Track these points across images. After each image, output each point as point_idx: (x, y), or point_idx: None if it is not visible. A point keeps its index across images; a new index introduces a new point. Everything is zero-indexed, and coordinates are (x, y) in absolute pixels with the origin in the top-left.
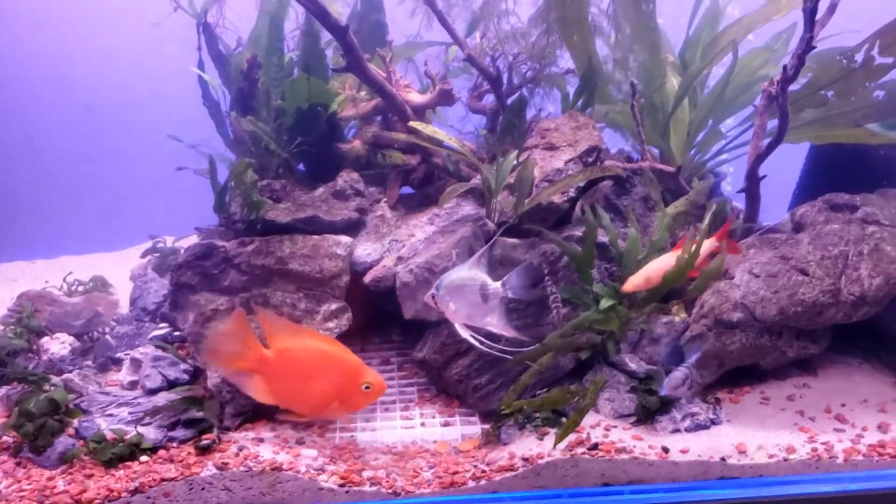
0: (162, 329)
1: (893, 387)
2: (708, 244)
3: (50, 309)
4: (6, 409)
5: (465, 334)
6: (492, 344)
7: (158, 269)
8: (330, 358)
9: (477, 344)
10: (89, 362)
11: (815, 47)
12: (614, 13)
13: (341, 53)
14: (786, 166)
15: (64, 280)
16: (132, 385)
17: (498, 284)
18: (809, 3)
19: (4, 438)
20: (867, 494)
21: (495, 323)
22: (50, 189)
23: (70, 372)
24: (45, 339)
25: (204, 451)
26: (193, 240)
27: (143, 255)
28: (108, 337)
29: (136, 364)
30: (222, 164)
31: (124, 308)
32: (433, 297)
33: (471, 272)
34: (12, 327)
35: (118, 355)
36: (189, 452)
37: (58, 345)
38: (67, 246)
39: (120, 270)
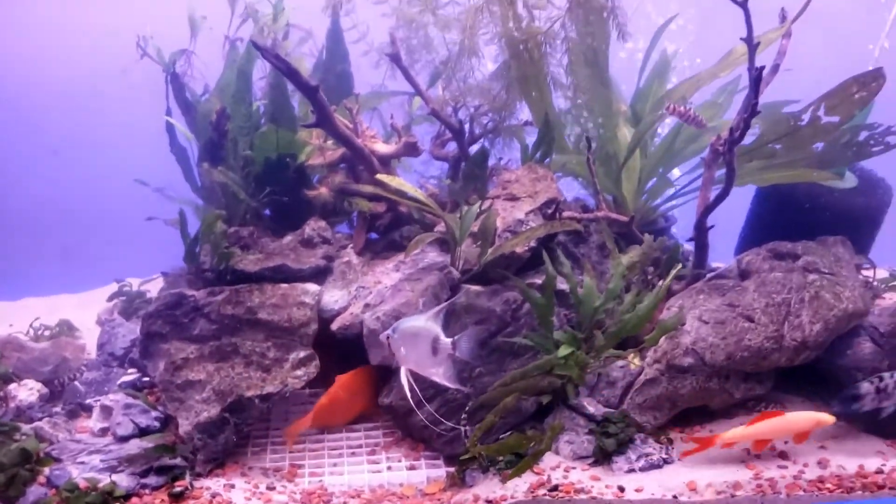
0: (131, 375)
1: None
2: None
3: (17, 355)
4: None
5: (404, 380)
6: (419, 395)
7: (125, 313)
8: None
9: (408, 393)
10: (58, 409)
11: (759, 112)
12: (570, 70)
13: (311, 110)
14: (731, 207)
15: (31, 325)
16: (103, 432)
17: (449, 342)
18: (755, 71)
19: None
20: None
21: (441, 375)
22: (13, 231)
23: (40, 419)
24: (12, 386)
25: (177, 498)
26: (159, 283)
27: (110, 299)
28: (76, 383)
29: (107, 411)
30: (188, 207)
31: (91, 352)
32: (388, 338)
33: (427, 323)
34: None
35: (87, 401)
36: (162, 500)
37: (26, 391)
38: (31, 288)
39: (84, 312)
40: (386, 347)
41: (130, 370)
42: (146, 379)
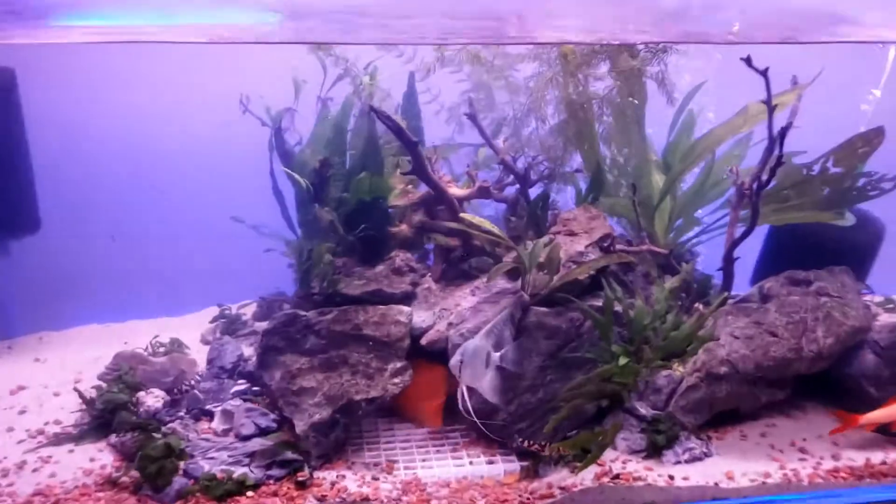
0: (241, 385)
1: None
2: None
3: (142, 367)
4: (118, 455)
5: (463, 395)
6: (468, 407)
7: (226, 333)
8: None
9: (466, 404)
10: (182, 414)
11: (783, 163)
12: (618, 127)
13: (408, 159)
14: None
15: (149, 342)
16: (225, 433)
17: (497, 355)
18: (780, 132)
19: (123, 479)
20: None
21: (485, 387)
22: (121, 259)
23: (168, 423)
24: (141, 393)
25: (302, 486)
26: (253, 307)
27: (213, 321)
28: (196, 391)
29: (228, 415)
30: (280, 241)
31: (201, 366)
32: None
33: (486, 341)
34: (114, 384)
35: (207, 407)
36: (288, 487)
37: (152, 398)
38: (136, 311)
39: (187, 333)
40: (457, 368)
41: (240, 381)
42: (255, 388)
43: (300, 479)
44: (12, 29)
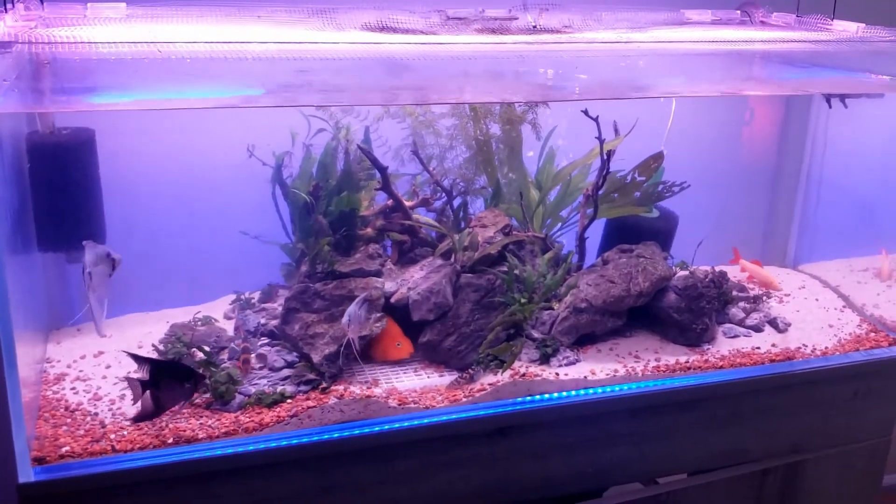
0: (264, 340)
1: (659, 342)
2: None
3: (190, 333)
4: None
5: (351, 340)
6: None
7: (244, 309)
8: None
9: (355, 349)
10: (225, 360)
11: (609, 173)
12: (505, 157)
13: (378, 179)
14: (593, 231)
15: (193, 317)
16: (261, 369)
17: (362, 314)
18: (605, 156)
19: (196, 400)
20: (653, 391)
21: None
22: (154, 263)
23: (221, 363)
24: (193, 350)
25: (324, 391)
26: (258, 294)
27: (232, 303)
28: (233, 345)
29: (262, 357)
30: (277, 245)
31: (230, 332)
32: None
33: (357, 307)
34: (176, 342)
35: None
36: (316, 394)
37: (201, 353)
38: (167, 302)
39: (209, 314)
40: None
41: (263, 339)
42: (276, 342)
43: (322, 387)
44: (72, 103)
